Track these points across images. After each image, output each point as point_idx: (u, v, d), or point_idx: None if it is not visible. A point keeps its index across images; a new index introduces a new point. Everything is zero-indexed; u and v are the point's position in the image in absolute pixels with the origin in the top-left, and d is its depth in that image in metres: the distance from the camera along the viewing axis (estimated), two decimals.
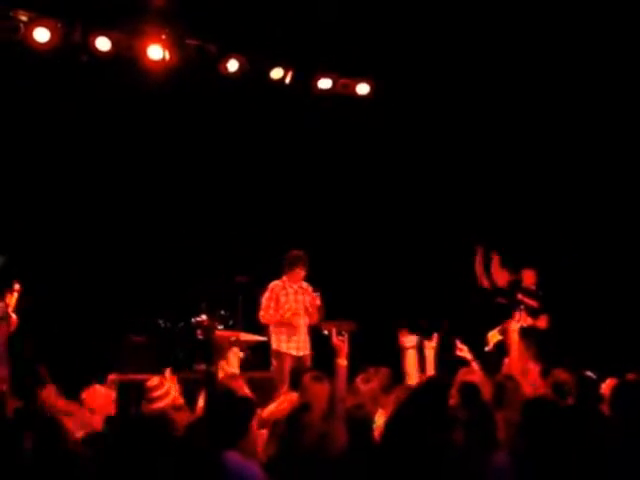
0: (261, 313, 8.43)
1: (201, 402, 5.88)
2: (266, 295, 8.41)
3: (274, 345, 8.37)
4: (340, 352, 5.42)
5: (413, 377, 8.45)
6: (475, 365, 7.06)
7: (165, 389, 6.11)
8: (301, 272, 8.44)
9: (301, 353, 8.30)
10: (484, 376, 6.64)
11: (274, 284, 8.44)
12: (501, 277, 10.43)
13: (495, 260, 10.40)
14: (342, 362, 5.37)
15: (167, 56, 9.66)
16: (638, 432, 4.74)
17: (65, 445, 4.59)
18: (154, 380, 6.18)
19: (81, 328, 10.15)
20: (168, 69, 9.78)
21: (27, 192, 10.30)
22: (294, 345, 8.28)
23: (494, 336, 10.06)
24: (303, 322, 8.42)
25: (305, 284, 8.56)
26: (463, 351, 7.24)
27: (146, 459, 4.32)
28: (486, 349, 10.01)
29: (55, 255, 10.33)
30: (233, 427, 4.52)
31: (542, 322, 9.80)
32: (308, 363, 8.34)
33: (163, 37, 9.68)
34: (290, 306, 8.41)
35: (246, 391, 6.02)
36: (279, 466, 4.55)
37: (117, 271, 10.63)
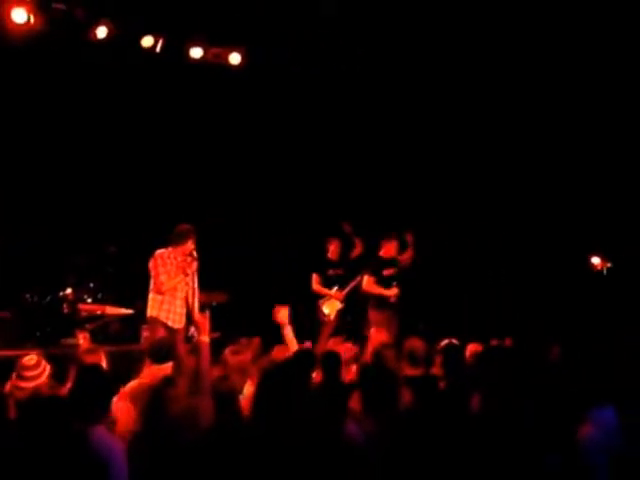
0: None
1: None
2: (159, 262, 8.16)
3: (153, 312, 8.08)
4: (202, 328, 5.35)
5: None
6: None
7: (40, 369, 5.91)
8: (191, 245, 8.27)
9: (177, 326, 8.17)
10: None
11: (161, 252, 8.17)
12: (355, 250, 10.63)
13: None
14: (204, 339, 5.28)
15: (32, 20, 9.29)
16: (502, 396, 4.94)
17: None
18: (32, 359, 5.94)
19: None
20: (33, 34, 9.41)
21: None
22: (172, 316, 8.14)
23: (333, 305, 10.22)
24: (182, 295, 8.27)
25: (189, 258, 8.34)
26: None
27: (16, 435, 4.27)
28: (327, 319, 10.15)
29: None
30: (98, 402, 4.49)
31: (392, 291, 9.98)
32: (181, 337, 8.23)
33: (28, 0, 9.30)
34: (176, 277, 8.23)
35: (104, 365, 5.93)
36: (145, 440, 4.54)
37: None
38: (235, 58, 10.57)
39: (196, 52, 10.35)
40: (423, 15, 9.85)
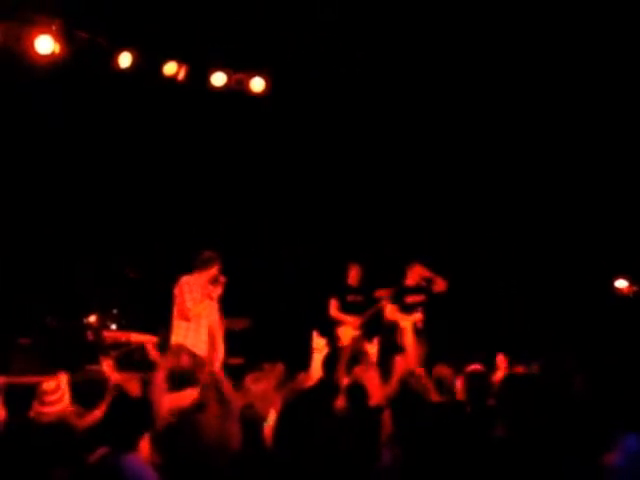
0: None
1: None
2: (185, 288, 8.17)
3: (178, 339, 8.05)
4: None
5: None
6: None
7: (60, 394, 5.98)
8: (215, 271, 8.30)
9: (202, 352, 8.15)
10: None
11: (187, 278, 8.20)
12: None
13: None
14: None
15: (56, 49, 9.38)
16: (527, 424, 4.90)
17: None
18: (51, 384, 6.02)
19: None
20: (57, 63, 9.49)
21: None
22: (198, 343, 8.14)
23: (346, 332, 10.08)
24: (207, 322, 8.29)
25: (212, 285, 8.36)
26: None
27: (43, 463, 4.30)
28: (340, 345, 9.98)
29: None
30: (131, 430, 4.50)
31: (414, 317, 9.91)
32: (207, 363, 8.21)
33: (53, 28, 9.39)
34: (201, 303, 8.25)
35: (137, 392, 5.98)
36: (176, 467, 4.55)
37: (5, 268, 10.32)
38: (257, 84, 10.60)
39: (219, 79, 10.40)
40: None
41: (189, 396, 5.77)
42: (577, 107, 10.59)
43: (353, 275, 10.24)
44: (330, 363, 6.89)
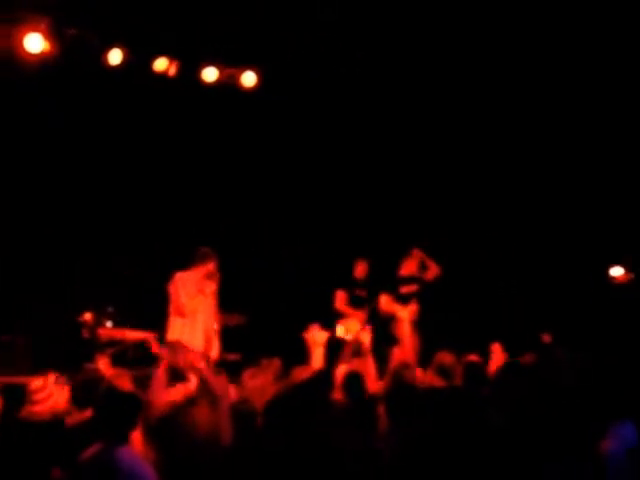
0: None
1: None
2: (179, 284, 8.16)
3: (173, 335, 8.06)
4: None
5: None
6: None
7: (48, 391, 5.99)
8: (211, 267, 8.30)
9: (198, 348, 8.15)
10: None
11: (181, 275, 8.22)
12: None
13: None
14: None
15: (46, 47, 9.33)
16: (522, 413, 4.92)
17: None
18: (38, 382, 6.04)
19: None
20: (47, 61, 9.44)
21: None
22: (193, 339, 8.14)
23: (354, 325, 10.01)
24: (203, 317, 8.29)
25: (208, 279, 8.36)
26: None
27: (37, 461, 4.30)
28: (347, 338, 9.94)
29: None
30: (123, 424, 4.51)
31: (409, 308, 9.95)
32: (203, 359, 8.20)
33: (43, 26, 9.34)
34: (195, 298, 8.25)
35: (130, 388, 5.97)
36: (168, 461, 4.55)
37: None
38: (249, 79, 10.57)
39: (211, 74, 10.36)
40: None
41: (181, 391, 5.78)
42: (572, 99, 10.59)
43: (360, 270, 10.24)
44: (332, 356, 6.93)
